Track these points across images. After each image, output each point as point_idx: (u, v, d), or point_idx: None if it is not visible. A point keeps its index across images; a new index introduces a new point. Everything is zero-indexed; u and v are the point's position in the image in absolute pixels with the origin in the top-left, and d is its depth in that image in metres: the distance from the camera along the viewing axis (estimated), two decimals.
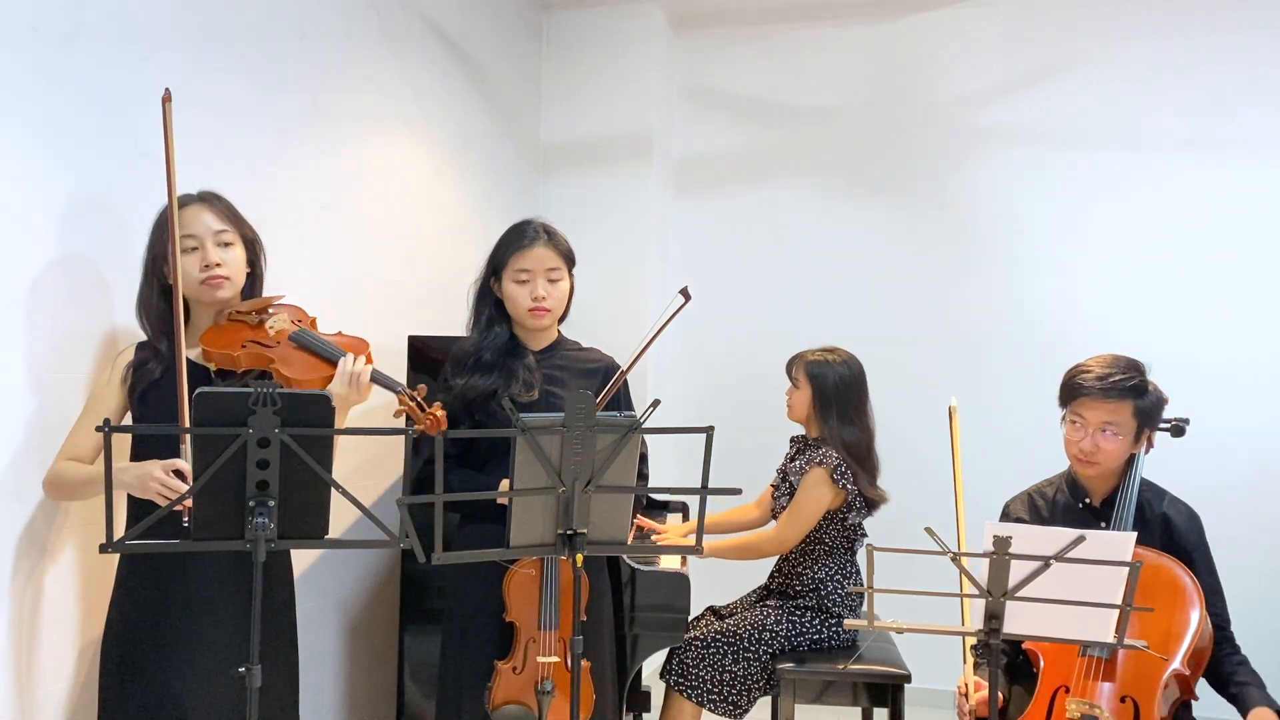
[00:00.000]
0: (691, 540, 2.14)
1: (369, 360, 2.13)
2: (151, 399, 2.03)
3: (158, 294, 2.08)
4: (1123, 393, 2.34)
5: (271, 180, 2.70)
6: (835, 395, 2.92)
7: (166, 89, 2.04)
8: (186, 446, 1.91)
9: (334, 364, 2.10)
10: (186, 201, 2.09)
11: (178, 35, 2.40)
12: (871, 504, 2.93)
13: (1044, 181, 4.17)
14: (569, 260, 2.47)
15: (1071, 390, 2.42)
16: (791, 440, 3.11)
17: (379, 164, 3.25)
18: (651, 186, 4.38)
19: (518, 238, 2.44)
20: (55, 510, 2.12)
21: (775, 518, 3.04)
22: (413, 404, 2.13)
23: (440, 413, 2.16)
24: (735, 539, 3.02)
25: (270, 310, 2.14)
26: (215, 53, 2.52)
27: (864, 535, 2.97)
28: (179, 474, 1.88)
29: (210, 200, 2.12)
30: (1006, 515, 2.61)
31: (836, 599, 2.89)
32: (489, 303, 2.48)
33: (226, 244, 2.10)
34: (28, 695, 2.08)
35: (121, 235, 2.24)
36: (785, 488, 2.98)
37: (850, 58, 4.41)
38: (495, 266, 2.46)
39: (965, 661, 2.43)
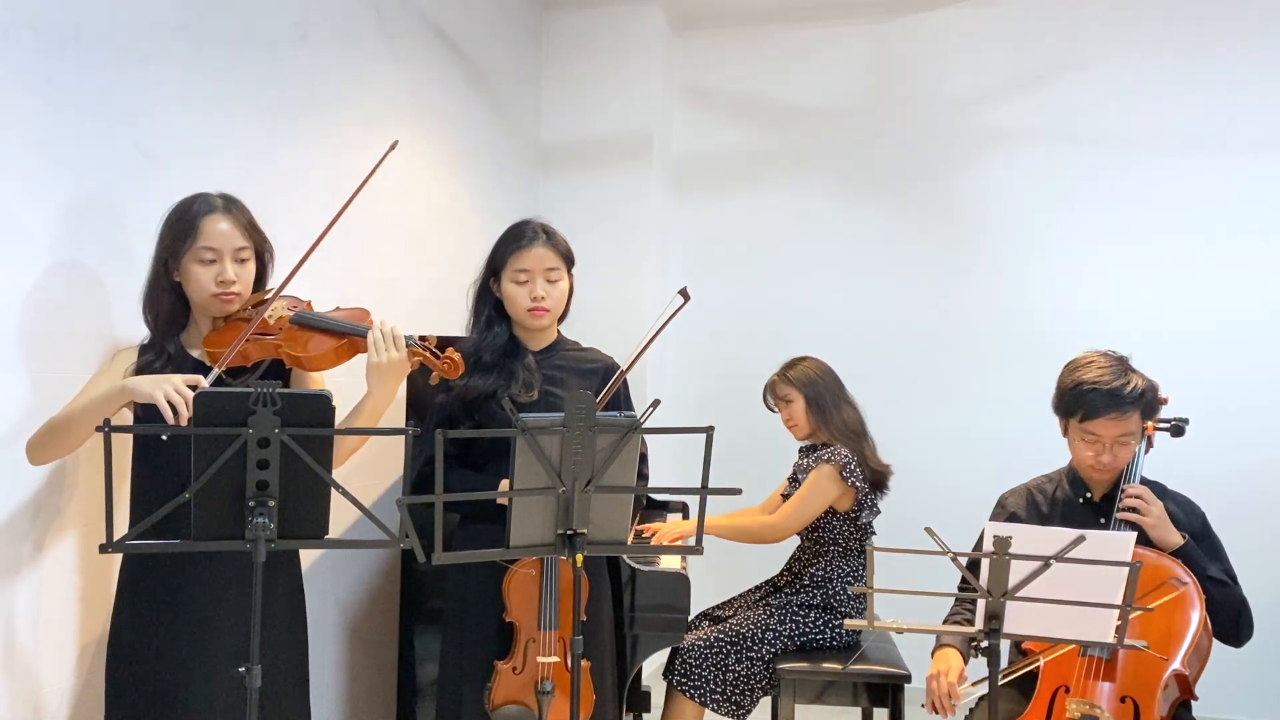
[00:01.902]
0: (692, 540, 2.14)
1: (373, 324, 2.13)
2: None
3: (167, 292, 2.07)
4: (1133, 403, 2.35)
5: (271, 180, 2.70)
6: (825, 389, 2.98)
7: (396, 140, 2.14)
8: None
9: (342, 335, 2.10)
10: (209, 209, 2.05)
11: (178, 35, 2.40)
12: (879, 485, 2.94)
13: (1044, 182, 4.17)
14: (568, 260, 2.47)
15: (1081, 409, 2.38)
16: (800, 450, 3.12)
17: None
18: (651, 187, 4.38)
19: (516, 238, 2.44)
20: (56, 510, 2.12)
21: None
22: (426, 353, 2.14)
23: (456, 356, 2.18)
24: (733, 520, 3.03)
25: (264, 302, 2.14)
26: (215, 53, 2.52)
27: (874, 533, 2.98)
28: (195, 389, 1.83)
29: (233, 211, 2.08)
30: (1002, 507, 2.61)
31: (843, 598, 2.89)
32: (488, 303, 2.48)
33: (243, 260, 2.08)
34: (30, 695, 2.08)
35: (121, 236, 2.25)
36: (795, 490, 2.99)
37: (850, 58, 4.41)
38: (494, 267, 2.46)
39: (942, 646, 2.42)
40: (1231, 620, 2.36)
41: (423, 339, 2.18)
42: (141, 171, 2.29)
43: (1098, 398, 2.34)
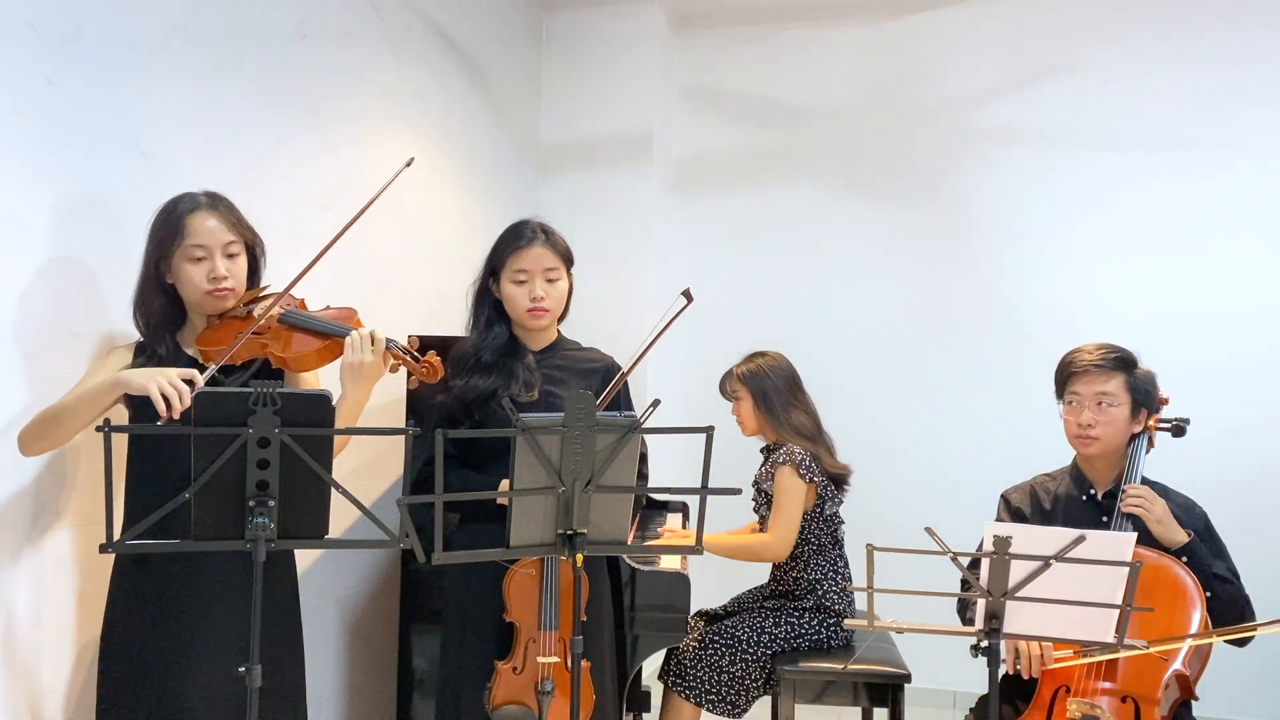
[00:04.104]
0: (691, 540, 2.14)
1: (359, 324, 2.13)
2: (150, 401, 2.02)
3: (159, 293, 2.07)
4: (1114, 364, 2.45)
5: (271, 180, 2.70)
6: (774, 390, 2.97)
7: (412, 158, 2.18)
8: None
9: (326, 336, 2.10)
10: (194, 207, 2.05)
11: (178, 35, 2.40)
12: (838, 482, 2.95)
13: (1043, 181, 4.17)
14: (567, 260, 2.47)
15: (1065, 372, 2.53)
16: (760, 450, 3.12)
17: (378, 164, 3.24)
18: (651, 186, 4.38)
19: (515, 238, 2.44)
20: (55, 509, 2.12)
21: (762, 529, 3.04)
22: (405, 357, 2.14)
23: (435, 360, 2.17)
24: (735, 538, 3.03)
25: (257, 300, 2.14)
26: (215, 53, 2.52)
27: (842, 522, 2.98)
28: (190, 384, 1.85)
29: (218, 207, 2.07)
30: (1006, 504, 2.61)
31: (834, 596, 2.89)
32: (488, 303, 2.48)
33: (233, 255, 2.08)
34: (28, 694, 2.08)
35: (119, 234, 2.24)
36: (761, 498, 3.00)
37: (850, 58, 4.41)
38: (493, 267, 2.46)
39: None
40: (1237, 618, 2.36)
41: (406, 342, 2.17)
42: (141, 170, 2.29)
43: (1078, 357, 2.51)
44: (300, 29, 2.85)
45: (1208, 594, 2.33)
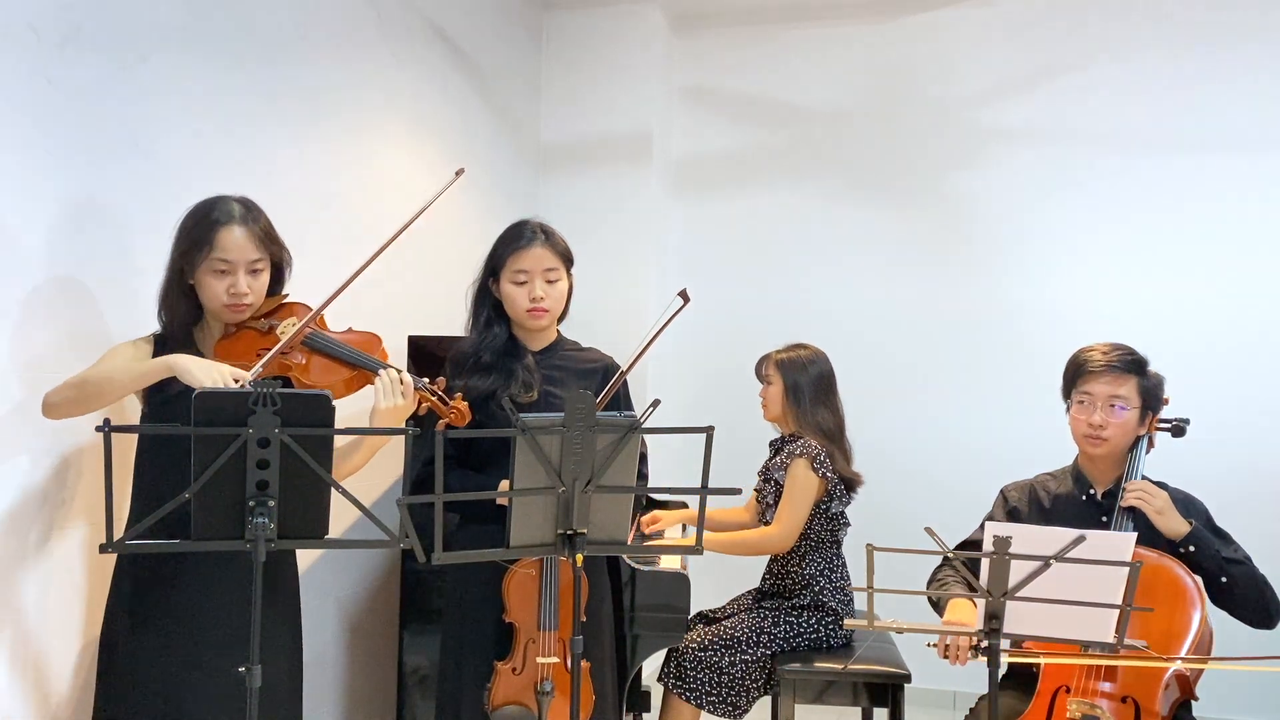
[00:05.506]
0: (692, 539, 2.14)
1: (385, 356, 2.15)
2: (165, 397, 2.02)
3: (181, 295, 2.07)
4: (1128, 366, 2.43)
5: (271, 180, 2.70)
6: (806, 384, 2.98)
7: (461, 169, 2.23)
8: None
9: (354, 367, 2.11)
10: (226, 219, 2.03)
11: (178, 35, 2.40)
12: (850, 485, 2.96)
13: (1044, 181, 4.16)
14: (567, 260, 2.47)
15: (1077, 371, 2.49)
16: (770, 444, 3.12)
17: (379, 164, 3.25)
18: (651, 187, 4.38)
19: (515, 238, 2.44)
20: (58, 509, 2.12)
21: (763, 520, 3.04)
22: (435, 398, 2.15)
23: (463, 404, 2.18)
24: (735, 535, 3.03)
25: (279, 312, 2.14)
26: (215, 53, 2.52)
27: (846, 524, 2.98)
28: (238, 383, 1.88)
29: (249, 222, 2.06)
30: (1004, 500, 2.61)
31: (829, 593, 2.89)
32: (487, 303, 2.48)
33: (257, 271, 2.07)
34: (30, 693, 2.08)
35: (121, 235, 2.25)
36: (770, 488, 2.99)
37: (851, 58, 4.41)
38: (493, 267, 2.46)
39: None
40: (1258, 596, 2.35)
41: (431, 383, 2.18)
42: (141, 171, 2.29)
43: (1092, 356, 2.47)
44: (300, 29, 2.85)
45: (1224, 579, 2.32)
